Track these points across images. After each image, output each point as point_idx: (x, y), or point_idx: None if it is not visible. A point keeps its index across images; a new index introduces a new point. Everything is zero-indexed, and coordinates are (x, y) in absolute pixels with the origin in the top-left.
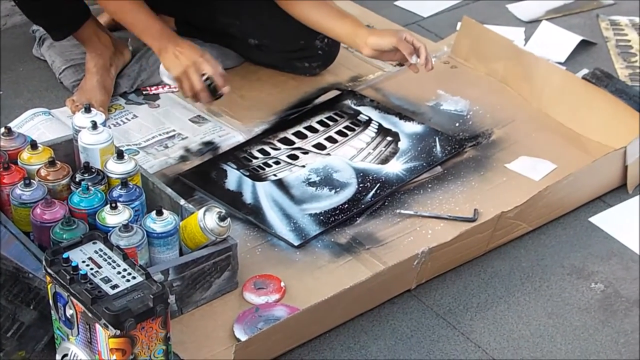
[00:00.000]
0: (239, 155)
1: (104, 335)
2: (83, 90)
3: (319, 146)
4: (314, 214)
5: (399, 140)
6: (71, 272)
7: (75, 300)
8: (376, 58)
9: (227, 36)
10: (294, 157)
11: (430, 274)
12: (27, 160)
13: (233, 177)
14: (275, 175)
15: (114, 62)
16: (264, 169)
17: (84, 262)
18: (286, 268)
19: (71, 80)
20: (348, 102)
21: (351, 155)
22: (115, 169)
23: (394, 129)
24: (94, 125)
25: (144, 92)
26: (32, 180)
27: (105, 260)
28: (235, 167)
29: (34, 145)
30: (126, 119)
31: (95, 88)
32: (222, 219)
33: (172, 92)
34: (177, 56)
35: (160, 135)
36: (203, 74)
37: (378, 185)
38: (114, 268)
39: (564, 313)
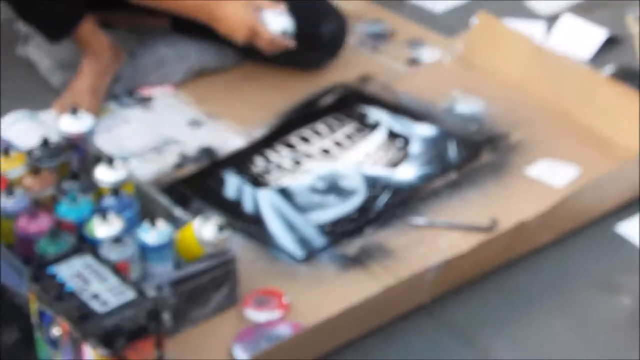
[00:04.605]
0: (238, 161)
1: (93, 356)
2: (72, 93)
3: (325, 151)
4: (320, 224)
5: (411, 144)
6: (57, 288)
7: (61, 319)
8: None
9: None
10: (297, 163)
11: (444, 288)
12: None
13: (232, 184)
14: (277, 182)
15: (112, 67)
16: (265, 176)
17: (71, 277)
18: (290, 282)
19: (59, 80)
20: (356, 103)
21: (359, 161)
22: (106, 177)
23: (405, 132)
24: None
25: (137, 94)
26: (14, 189)
27: (95, 275)
28: (234, 173)
29: (6, 151)
30: (117, 123)
31: (85, 92)
32: (220, 229)
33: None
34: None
35: (154, 140)
36: None
37: (388, 192)
38: (104, 283)
39: (590, 330)
